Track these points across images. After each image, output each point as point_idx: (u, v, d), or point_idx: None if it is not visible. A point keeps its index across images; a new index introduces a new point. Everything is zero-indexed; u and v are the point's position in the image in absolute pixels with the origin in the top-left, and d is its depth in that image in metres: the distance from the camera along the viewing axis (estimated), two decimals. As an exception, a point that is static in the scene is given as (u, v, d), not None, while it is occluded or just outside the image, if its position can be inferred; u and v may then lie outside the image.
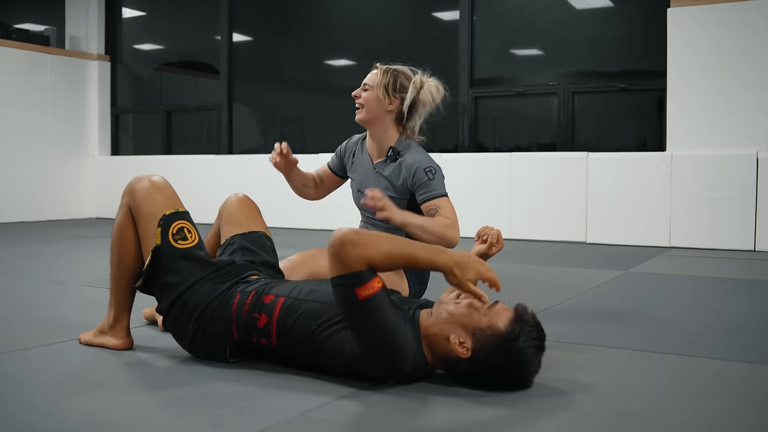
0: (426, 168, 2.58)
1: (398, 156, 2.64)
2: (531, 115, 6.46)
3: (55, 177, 8.06)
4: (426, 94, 2.61)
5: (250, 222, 2.29)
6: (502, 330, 1.68)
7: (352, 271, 1.68)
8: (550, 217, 5.86)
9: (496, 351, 1.67)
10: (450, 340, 1.71)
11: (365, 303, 1.68)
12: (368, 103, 2.64)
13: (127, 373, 1.96)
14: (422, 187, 2.57)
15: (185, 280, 1.98)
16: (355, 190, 2.80)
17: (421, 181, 2.57)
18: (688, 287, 3.60)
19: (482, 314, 1.72)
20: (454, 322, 1.73)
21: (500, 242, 2.06)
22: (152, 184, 2.08)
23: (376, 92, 2.62)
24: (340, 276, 1.70)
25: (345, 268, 1.69)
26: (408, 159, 2.61)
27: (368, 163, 2.75)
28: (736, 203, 5.20)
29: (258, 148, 7.84)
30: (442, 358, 1.76)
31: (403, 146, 2.66)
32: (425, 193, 2.56)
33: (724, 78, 5.34)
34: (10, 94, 7.64)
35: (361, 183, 2.75)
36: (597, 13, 6.22)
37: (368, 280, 1.69)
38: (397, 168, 2.63)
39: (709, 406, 1.68)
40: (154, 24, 8.65)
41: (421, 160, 2.60)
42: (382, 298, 1.71)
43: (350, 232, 1.71)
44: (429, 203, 2.54)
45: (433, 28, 7.03)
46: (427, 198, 2.55)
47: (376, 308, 1.69)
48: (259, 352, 1.95)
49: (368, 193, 2.32)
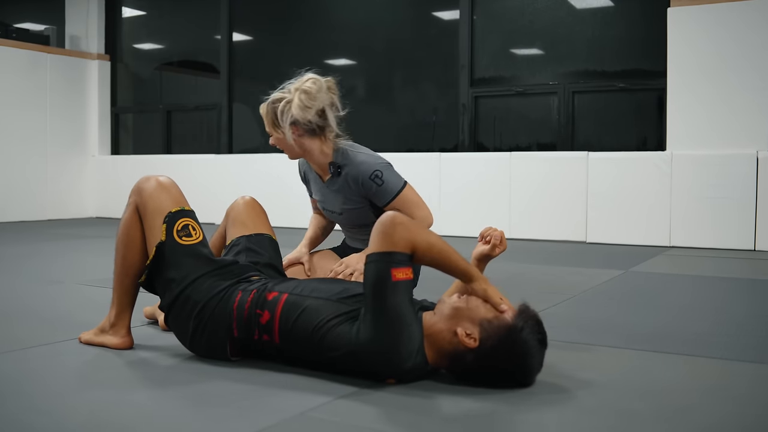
0: (371, 176, 2.53)
1: (340, 170, 2.59)
2: (531, 115, 6.46)
3: (55, 176, 8.06)
4: (304, 99, 2.45)
5: (257, 224, 2.31)
6: (509, 321, 1.74)
7: (395, 251, 1.74)
8: (550, 217, 5.86)
9: (503, 341, 1.71)
10: (457, 332, 1.74)
11: (395, 285, 1.72)
12: (280, 144, 2.56)
13: (128, 372, 1.96)
14: (376, 196, 2.56)
15: (187, 277, 1.99)
16: (321, 206, 2.81)
17: (371, 190, 2.55)
18: (688, 287, 3.61)
19: (488, 308, 1.77)
20: (461, 316, 1.77)
21: (503, 243, 2.07)
22: (159, 183, 2.11)
23: (273, 133, 2.54)
24: (381, 253, 1.75)
25: (390, 246, 1.74)
26: (350, 172, 2.56)
27: (319, 180, 2.72)
28: (736, 203, 5.20)
29: (258, 147, 7.83)
30: (447, 354, 1.76)
31: (340, 157, 2.59)
32: (381, 200, 2.57)
33: (725, 78, 5.34)
34: (10, 93, 7.64)
35: (324, 201, 2.76)
36: (597, 12, 6.22)
37: (405, 265, 1.75)
38: (344, 182, 2.60)
39: (709, 406, 1.69)
40: (154, 23, 8.65)
41: (362, 169, 2.54)
42: (408, 289, 1.76)
43: (403, 215, 1.81)
44: (389, 207, 2.55)
45: (433, 28, 7.02)
46: (386, 203, 2.56)
47: (401, 294, 1.73)
48: (260, 349, 1.95)
49: (333, 275, 2.45)
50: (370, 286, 1.75)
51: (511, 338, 1.71)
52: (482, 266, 2.07)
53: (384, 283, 1.73)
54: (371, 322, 1.74)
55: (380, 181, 2.54)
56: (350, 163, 2.57)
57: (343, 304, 1.84)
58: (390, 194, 2.54)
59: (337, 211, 2.71)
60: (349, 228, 2.81)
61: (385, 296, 1.72)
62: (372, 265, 1.76)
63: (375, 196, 2.57)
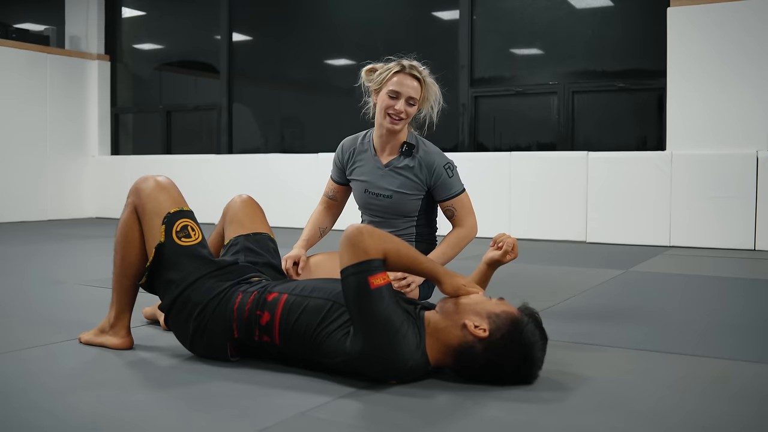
0: (445, 165, 2.73)
1: (413, 150, 2.73)
2: (531, 115, 6.46)
3: (55, 177, 8.06)
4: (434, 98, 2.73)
5: (255, 223, 2.31)
6: (515, 314, 1.77)
7: (368, 259, 1.74)
8: (550, 217, 5.86)
9: (511, 332, 1.74)
10: (466, 324, 1.75)
11: (376, 293, 1.72)
12: (410, 117, 2.70)
13: (128, 372, 1.96)
14: (442, 186, 2.71)
15: (187, 278, 1.99)
16: (362, 191, 2.81)
17: (441, 179, 2.71)
18: (688, 286, 3.60)
19: (494, 303, 1.80)
20: (467, 311, 1.78)
21: (515, 251, 2.08)
22: (158, 183, 2.10)
23: (418, 106, 2.70)
24: (354, 265, 1.74)
25: (362, 255, 1.74)
26: (426, 157, 2.72)
27: (377, 162, 2.77)
28: (736, 202, 5.20)
29: (258, 147, 7.84)
30: (454, 349, 1.77)
31: (414, 140, 2.76)
32: (444, 193, 2.71)
33: (724, 77, 5.34)
34: (10, 93, 7.64)
35: (371, 183, 2.77)
36: (597, 12, 6.22)
37: (380, 270, 1.75)
38: (415, 163, 2.72)
39: (710, 405, 1.69)
40: (154, 24, 8.65)
41: (438, 158, 2.72)
42: (390, 292, 1.76)
43: (365, 225, 1.81)
44: (447, 203, 2.72)
45: (433, 28, 7.03)
46: (446, 198, 2.72)
47: (384, 300, 1.73)
48: (260, 350, 1.95)
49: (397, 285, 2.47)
50: (352, 301, 1.75)
51: (518, 329, 1.74)
52: (491, 271, 2.14)
53: (364, 295, 1.72)
54: (363, 334, 1.74)
55: (451, 173, 2.72)
56: (425, 148, 2.75)
57: (343, 306, 1.84)
58: (455, 190, 2.72)
59: (386, 194, 2.74)
60: (384, 217, 2.80)
61: (370, 306, 1.72)
62: (350, 278, 1.75)
63: (441, 186, 2.71)
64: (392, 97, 2.63)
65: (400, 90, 2.62)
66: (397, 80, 2.62)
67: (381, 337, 1.72)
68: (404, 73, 2.63)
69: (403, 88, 2.62)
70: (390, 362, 1.74)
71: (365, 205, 2.83)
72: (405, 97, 2.62)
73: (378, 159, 2.77)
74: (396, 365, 1.74)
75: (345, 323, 1.80)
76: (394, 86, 2.62)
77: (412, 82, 2.63)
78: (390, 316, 1.72)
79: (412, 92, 2.63)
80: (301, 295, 1.90)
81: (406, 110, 2.64)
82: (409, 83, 2.63)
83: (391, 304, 1.74)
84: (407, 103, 2.63)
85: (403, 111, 2.63)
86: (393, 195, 2.72)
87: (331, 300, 1.86)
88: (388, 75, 2.64)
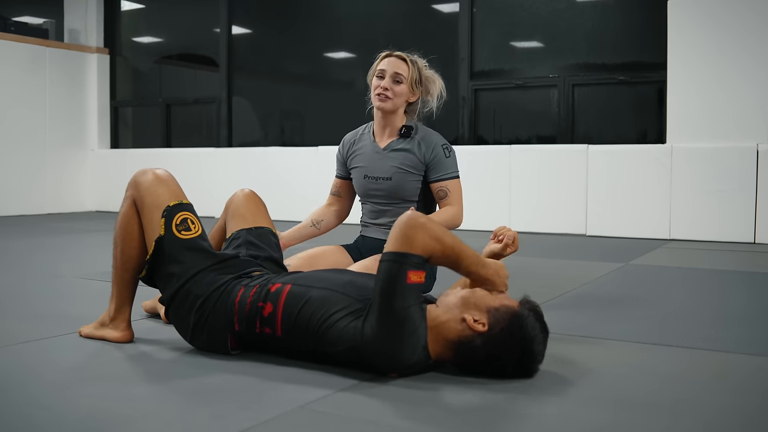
0: (443, 145, 2.79)
1: (411, 131, 2.80)
2: (531, 108, 6.46)
3: (55, 170, 8.05)
4: (439, 89, 2.84)
5: (257, 217, 2.30)
6: (516, 308, 1.77)
7: (413, 253, 1.74)
8: (550, 210, 5.85)
9: (511, 326, 1.73)
10: (466, 318, 1.75)
11: (408, 288, 1.73)
12: (398, 96, 2.75)
13: (128, 365, 1.96)
14: (437, 165, 2.76)
15: (188, 271, 1.99)
16: (361, 176, 2.85)
17: (438, 157, 2.76)
18: (688, 279, 3.61)
19: (494, 297, 1.80)
20: (467, 305, 1.78)
21: (515, 244, 2.09)
22: (156, 176, 2.10)
23: (407, 86, 2.75)
24: (398, 253, 1.74)
25: (408, 247, 1.74)
26: (426, 137, 2.79)
27: (375, 147, 2.82)
28: (736, 196, 5.20)
29: (257, 141, 7.83)
30: (454, 343, 1.76)
31: (413, 125, 2.83)
32: (440, 171, 2.76)
33: (725, 70, 5.33)
34: (9, 87, 7.63)
35: (369, 168, 2.82)
36: (597, 5, 6.21)
37: (421, 269, 1.76)
38: (414, 144, 2.77)
39: (710, 398, 1.69)
40: (153, 17, 8.63)
41: (436, 137, 2.81)
42: (419, 293, 1.78)
43: (425, 216, 1.80)
44: (440, 184, 2.76)
45: (433, 21, 7.01)
46: (440, 177, 2.76)
47: (413, 297, 1.74)
48: (261, 342, 1.95)
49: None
50: (382, 284, 1.74)
51: (518, 323, 1.74)
52: None
53: (397, 284, 1.72)
54: (378, 321, 1.73)
55: (449, 154, 2.80)
56: (424, 130, 2.84)
57: (348, 297, 1.83)
58: (450, 170, 2.77)
59: (385, 176, 2.78)
60: (384, 204, 2.82)
61: (396, 297, 1.72)
62: (387, 263, 1.75)
63: (437, 165, 2.76)
64: (379, 77, 2.76)
65: (386, 68, 2.75)
66: (384, 62, 2.78)
67: (397, 331, 1.72)
68: (390, 56, 2.78)
69: (388, 66, 2.75)
70: (396, 355, 1.74)
71: (365, 192, 2.86)
72: (390, 73, 2.73)
73: (376, 144, 2.83)
74: (401, 359, 1.74)
75: (350, 312, 1.80)
76: (381, 66, 2.77)
77: (397, 61, 2.75)
78: (412, 315, 1.73)
79: (397, 69, 2.74)
80: (305, 285, 1.90)
81: (392, 88, 2.72)
82: (393, 62, 2.75)
83: (416, 304, 1.75)
84: (393, 81, 2.73)
85: (389, 88, 2.72)
86: (393, 176, 2.77)
87: (337, 291, 1.85)
88: (377, 61, 2.80)
